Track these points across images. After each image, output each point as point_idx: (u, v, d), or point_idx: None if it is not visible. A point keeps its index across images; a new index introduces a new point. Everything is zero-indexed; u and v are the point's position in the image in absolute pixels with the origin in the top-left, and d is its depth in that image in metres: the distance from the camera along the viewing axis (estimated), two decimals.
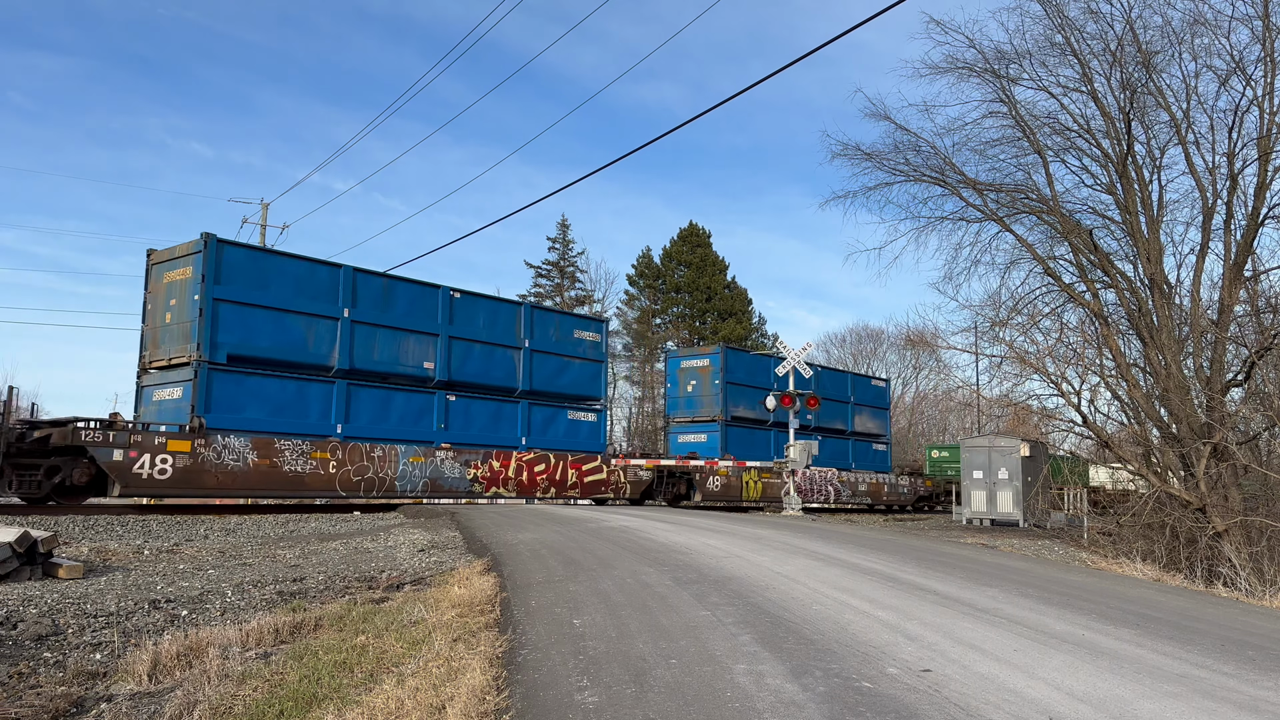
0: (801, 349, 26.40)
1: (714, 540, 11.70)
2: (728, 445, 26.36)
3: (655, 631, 6.14)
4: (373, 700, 4.90)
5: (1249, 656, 6.02)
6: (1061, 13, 20.14)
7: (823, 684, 4.86)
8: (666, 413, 28.76)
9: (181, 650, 6.18)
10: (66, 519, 13.63)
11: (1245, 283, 19.13)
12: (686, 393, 27.42)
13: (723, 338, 57.74)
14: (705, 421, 26.95)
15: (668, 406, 28.57)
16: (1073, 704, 4.64)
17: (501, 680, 5.01)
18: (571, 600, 7.36)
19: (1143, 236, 20.10)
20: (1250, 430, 19.48)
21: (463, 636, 6.19)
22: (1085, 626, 6.74)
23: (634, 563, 9.42)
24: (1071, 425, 20.84)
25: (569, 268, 59.11)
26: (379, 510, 18.54)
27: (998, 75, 21.17)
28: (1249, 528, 16.69)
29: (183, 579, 9.10)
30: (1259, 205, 18.82)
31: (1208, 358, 19.34)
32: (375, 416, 18.33)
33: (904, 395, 59.90)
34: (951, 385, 43.08)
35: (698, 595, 7.49)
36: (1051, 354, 19.61)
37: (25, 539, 8.61)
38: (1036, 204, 21.77)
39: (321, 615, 7.47)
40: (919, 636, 6.09)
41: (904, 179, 22.61)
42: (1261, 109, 18.58)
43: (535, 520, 14.55)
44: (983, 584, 8.78)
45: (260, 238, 37.73)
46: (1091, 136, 20.97)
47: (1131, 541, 17.55)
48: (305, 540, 13.06)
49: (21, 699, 5.48)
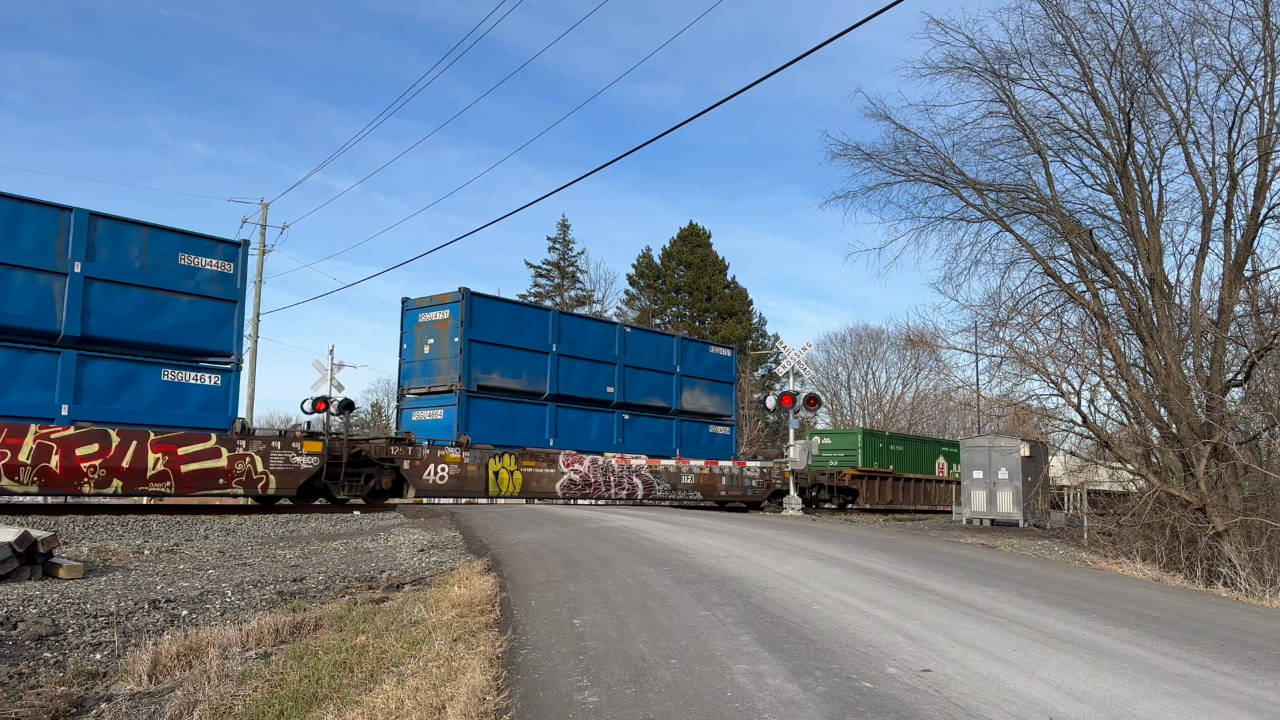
0: (802, 349, 26.42)
1: (714, 540, 11.71)
2: (469, 424, 20.56)
3: (655, 631, 6.14)
4: (373, 700, 4.90)
5: (1249, 656, 6.02)
6: (1061, 13, 20.16)
7: (823, 684, 4.86)
8: (400, 382, 22.33)
9: (181, 650, 6.17)
10: (66, 519, 13.63)
11: (1245, 283, 19.13)
12: (423, 355, 21.57)
13: (722, 338, 57.79)
14: (441, 392, 20.99)
15: (401, 374, 22.24)
16: (1073, 704, 4.64)
17: (501, 680, 5.01)
18: (571, 600, 7.36)
19: (1143, 236, 20.10)
20: (1250, 430, 19.48)
21: (463, 636, 6.19)
22: (1085, 626, 6.74)
23: (634, 562, 9.42)
24: (1071, 425, 20.87)
25: (569, 268, 59.17)
26: (379, 510, 18.52)
27: (998, 75, 21.18)
28: (1249, 528, 16.70)
29: (183, 579, 9.10)
30: (1259, 205, 18.82)
31: (1208, 358, 19.34)
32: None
33: (904, 395, 59.94)
34: (951, 385, 42.96)
35: (698, 595, 7.49)
36: (1051, 354, 19.63)
37: (25, 539, 8.61)
38: (1036, 204, 21.78)
39: (321, 615, 7.47)
40: (919, 636, 6.09)
41: (904, 179, 22.63)
42: (1261, 109, 18.59)
43: (535, 520, 14.55)
44: (983, 584, 8.78)
45: (260, 237, 37.75)
46: (1091, 136, 20.99)
47: (1131, 541, 17.56)
48: (305, 540, 13.06)
49: (21, 699, 5.48)
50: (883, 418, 57.74)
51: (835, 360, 61.57)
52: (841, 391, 61.32)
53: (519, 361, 21.87)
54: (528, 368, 21.99)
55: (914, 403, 58.72)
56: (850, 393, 61.42)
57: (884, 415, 58.34)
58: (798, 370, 25.81)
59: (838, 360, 61.55)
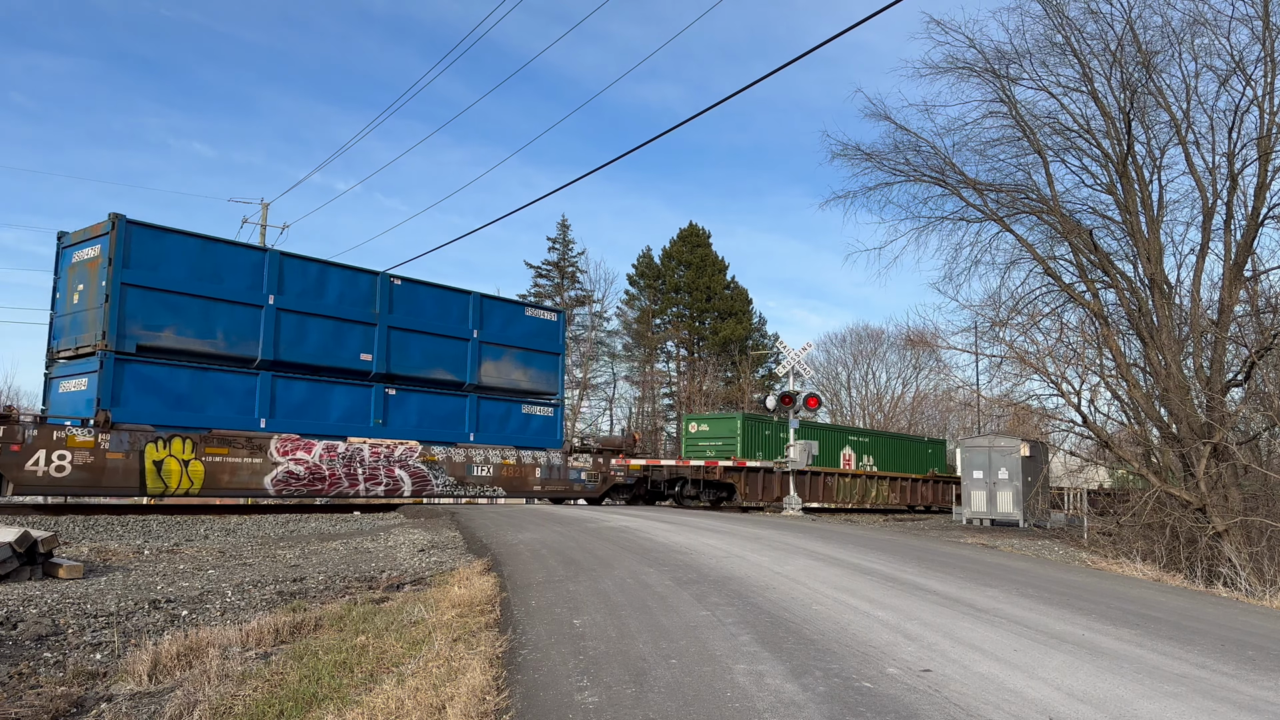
0: (802, 349, 26.41)
1: (714, 540, 11.71)
2: (119, 396, 15.29)
3: (655, 631, 6.14)
4: (373, 700, 4.90)
5: (1249, 656, 6.02)
6: (1061, 13, 20.16)
7: (823, 684, 4.86)
8: (49, 342, 16.84)
9: (181, 650, 6.17)
10: (66, 519, 13.64)
11: (1245, 283, 19.13)
12: (74, 305, 16.20)
13: (722, 338, 57.79)
14: (86, 355, 15.72)
15: (51, 333, 16.80)
16: (1073, 704, 4.64)
17: (501, 680, 5.01)
18: (571, 600, 7.36)
19: (1143, 236, 20.10)
20: (1250, 430, 19.48)
21: (463, 636, 6.19)
22: (1085, 626, 6.74)
23: (634, 563, 9.43)
24: (1071, 425, 20.86)
25: (569, 268, 59.15)
26: (379, 510, 18.51)
27: (998, 75, 21.18)
28: (1249, 528, 16.70)
29: (183, 579, 9.10)
30: (1259, 205, 18.82)
31: (1208, 358, 19.34)
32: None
33: (904, 395, 59.91)
34: (951, 385, 42.83)
35: (698, 595, 7.49)
36: (1051, 354, 19.63)
37: (25, 539, 8.61)
38: (1036, 204, 21.78)
39: (321, 615, 7.47)
40: (919, 636, 6.09)
41: (904, 179, 22.63)
42: (1261, 109, 18.59)
43: (535, 520, 14.56)
44: (983, 584, 8.78)
45: (260, 238, 37.70)
46: (1091, 136, 20.99)
47: (1131, 541, 17.55)
48: (305, 540, 13.06)
49: (22, 699, 5.48)
50: (883, 418, 57.71)
51: (835, 360, 61.50)
52: (841, 391, 61.30)
53: (212, 316, 16.48)
54: (227, 324, 16.67)
55: (914, 403, 58.71)
56: (850, 393, 61.39)
57: (884, 415, 58.31)
58: (798, 370, 25.79)
59: (838, 360, 61.49)
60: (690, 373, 59.46)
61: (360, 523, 15.95)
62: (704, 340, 59.54)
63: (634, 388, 60.07)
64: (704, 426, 29.56)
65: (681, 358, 61.31)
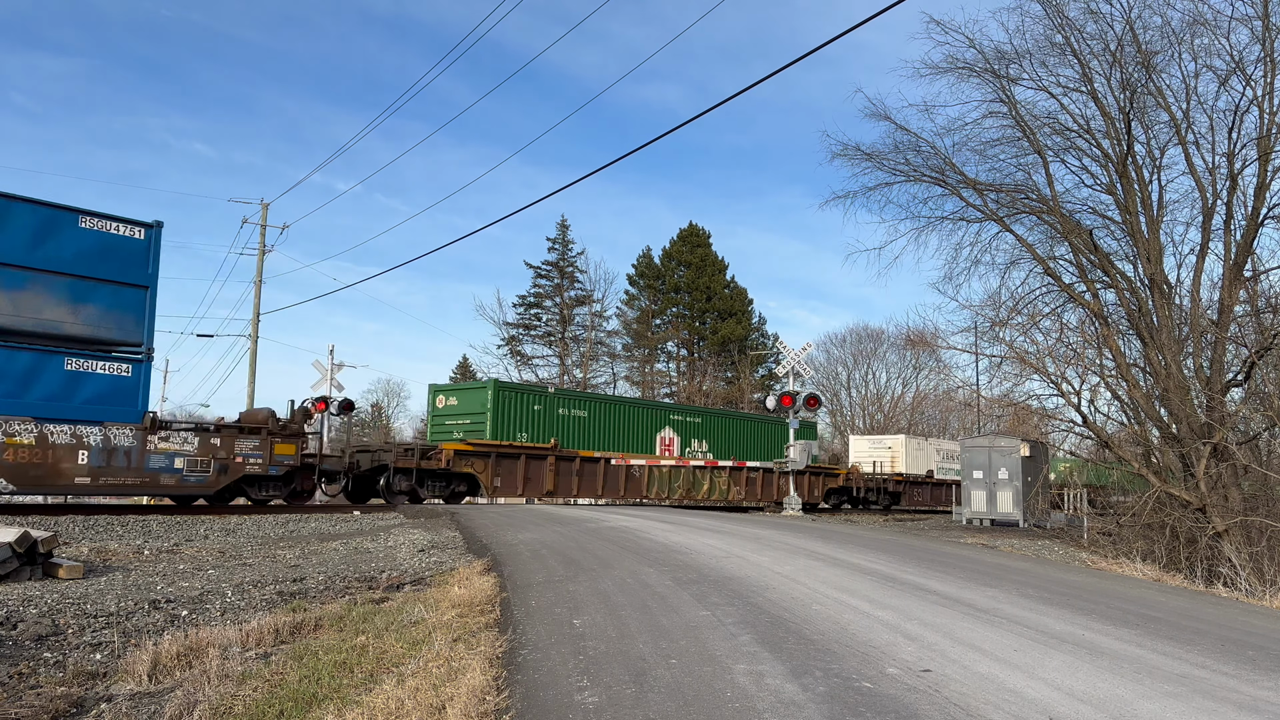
0: (802, 349, 26.41)
1: (713, 540, 11.70)
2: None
3: (655, 631, 6.14)
4: (373, 700, 4.90)
5: (1249, 656, 6.02)
6: (1061, 13, 20.16)
7: (823, 684, 4.86)
8: None
9: (181, 650, 6.17)
10: (66, 519, 13.63)
11: (1245, 283, 19.13)
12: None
13: (722, 338, 57.81)
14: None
15: None
16: (1073, 704, 4.64)
17: (501, 680, 5.01)
18: (571, 600, 7.36)
19: (1143, 236, 20.10)
20: (1250, 430, 19.47)
21: (463, 636, 6.19)
22: (1085, 626, 6.74)
23: (634, 563, 9.43)
24: (1071, 425, 20.87)
25: (569, 268, 59.15)
26: (378, 510, 18.53)
27: (998, 75, 21.18)
28: (1249, 528, 16.69)
29: (183, 579, 9.10)
30: (1259, 205, 18.83)
31: (1208, 358, 19.35)
32: None
33: (904, 395, 59.90)
34: (951, 385, 42.78)
35: (698, 595, 7.49)
36: (1051, 354, 19.63)
37: (25, 539, 8.61)
38: (1036, 204, 21.78)
39: (321, 615, 7.47)
40: (919, 636, 6.09)
41: (904, 179, 22.63)
42: (1261, 109, 18.60)
43: (535, 520, 14.56)
44: (983, 584, 8.78)
45: (260, 238, 37.66)
46: (1091, 136, 20.98)
47: (1131, 541, 17.55)
48: (305, 540, 13.06)
49: (21, 699, 5.48)
50: (883, 418, 57.70)
51: (835, 360, 61.49)
52: (841, 392, 61.30)
53: None
54: None
55: (914, 403, 58.72)
56: (850, 393, 61.39)
57: (884, 415, 58.30)
58: (798, 370, 25.78)
59: (838, 360, 61.48)
60: (690, 373, 59.48)
61: (360, 523, 15.95)
62: (704, 340, 59.56)
63: (634, 388, 60.12)
64: (453, 400, 23.77)
65: (681, 358, 61.32)
